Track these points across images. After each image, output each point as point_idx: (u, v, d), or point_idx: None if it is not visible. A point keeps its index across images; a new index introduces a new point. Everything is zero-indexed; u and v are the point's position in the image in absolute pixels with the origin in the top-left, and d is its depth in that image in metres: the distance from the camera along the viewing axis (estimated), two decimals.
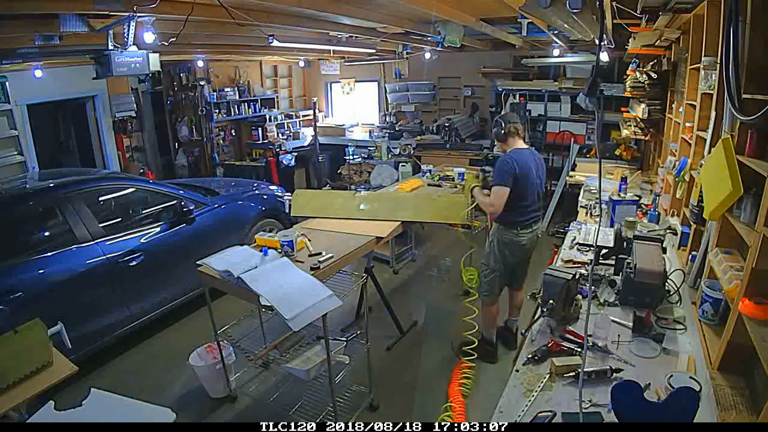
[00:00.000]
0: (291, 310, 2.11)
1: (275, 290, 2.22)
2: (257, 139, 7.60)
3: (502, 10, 3.34)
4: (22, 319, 1.90)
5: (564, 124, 6.27)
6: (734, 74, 1.64)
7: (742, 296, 1.49)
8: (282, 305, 2.12)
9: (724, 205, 1.75)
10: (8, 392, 1.75)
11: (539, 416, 1.56)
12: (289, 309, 2.11)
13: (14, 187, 3.35)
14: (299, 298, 2.19)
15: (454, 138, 6.54)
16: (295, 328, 2.12)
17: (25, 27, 3.00)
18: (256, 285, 2.24)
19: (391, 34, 4.86)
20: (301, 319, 2.11)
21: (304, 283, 2.32)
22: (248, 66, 7.65)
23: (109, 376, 3.22)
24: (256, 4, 2.99)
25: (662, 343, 1.92)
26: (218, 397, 2.98)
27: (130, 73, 3.35)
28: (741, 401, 1.51)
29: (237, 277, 2.31)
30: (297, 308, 2.12)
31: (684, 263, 2.53)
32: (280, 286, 2.27)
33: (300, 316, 2.11)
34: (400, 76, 7.65)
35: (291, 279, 2.35)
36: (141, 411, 1.81)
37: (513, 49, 6.08)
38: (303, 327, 2.14)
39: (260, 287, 2.23)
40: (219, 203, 4.11)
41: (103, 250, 3.17)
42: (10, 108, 5.13)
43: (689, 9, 2.75)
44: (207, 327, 2.79)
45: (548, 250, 4.79)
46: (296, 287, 2.27)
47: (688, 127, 3.02)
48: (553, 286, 2.06)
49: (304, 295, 2.21)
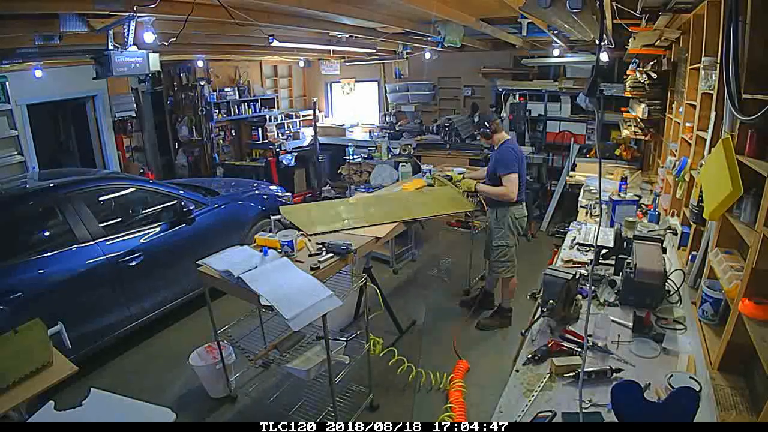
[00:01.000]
0: (291, 310, 2.11)
1: (275, 290, 2.22)
2: (257, 139, 7.59)
3: (502, 10, 3.35)
4: (22, 319, 1.90)
5: (564, 124, 6.26)
6: (734, 74, 1.64)
7: (742, 296, 1.49)
8: (282, 305, 2.12)
9: (724, 205, 1.75)
10: (8, 392, 1.75)
11: (539, 416, 1.56)
12: (289, 309, 2.11)
13: (14, 187, 3.35)
14: (299, 298, 2.19)
15: (454, 138, 6.54)
16: (295, 328, 2.13)
17: (25, 27, 3.00)
18: (256, 285, 2.24)
19: (391, 34, 4.86)
20: (301, 319, 2.11)
21: (304, 283, 2.32)
22: (248, 66, 7.65)
23: (109, 376, 3.22)
24: (256, 4, 2.99)
25: (662, 343, 1.92)
26: (218, 397, 2.98)
27: (130, 73, 3.34)
28: (741, 401, 1.51)
29: (237, 277, 2.31)
30: (297, 308, 2.12)
31: (684, 263, 2.53)
32: (280, 286, 2.27)
33: (300, 316, 2.11)
34: (400, 76, 7.65)
35: (291, 279, 2.34)
36: (141, 411, 1.81)
37: (513, 49, 6.07)
38: (302, 327, 2.14)
39: (260, 287, 2.23)
40: (219, 203, 4.11)
41: (103, 250, 3.17)
42: (10, 108, 5.12)
43: (689, 9, 2.76)
44: (207, 327, 2.80)
45: (548, 250, 4.80)
46: (296, 287, 2.27)
47: (688, 127, 3.02)
48: (553, 286, 2.06)
49: (304, 295, 2.21)
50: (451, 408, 2.74)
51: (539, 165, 6.40)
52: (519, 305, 3.69)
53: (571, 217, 3.90)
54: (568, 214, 5.09)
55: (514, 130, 6.14)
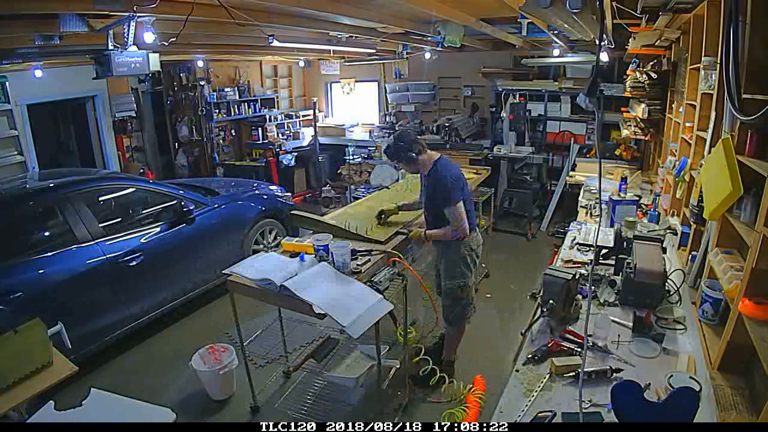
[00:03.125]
0: (347, 317, 2.04)
1: (324, 297, 2.12)
2: (257, 139, 7.59)
3: (502, 10, 3.34)
4: (22, 319, 1.90)
5: (564, 124, 6.26)
6: (734, 74, 1.64)
7: (742, 296, 1.49)
8: (336, 313, 2.04)
9: (724, 205, 1.75)
10: (8, 392, 1.75)
11: (539, 416, 1.56)
12: (345, 316, 2.04)
13: (14, 187, 3.35)
14: (351, 303, 2.11)
15: (454, 138, 6.54)
16: (354, 335, 2.05)
17: (25, 27, 3.00)
18: (303, 293, 2.13)
19: (391, 34, 4.86)
20: (358, 326, 2.04)
21: (352, 289, 2.22)
22: (248, 66, 7.65)
23: (109, 376, 3.22)
24: (256, 4, 2.99)
25: (662, 343, 1.92)
26: (219, 400, 2.96)
27: (130, 73, 3.34)
28: (741, 401, 1.51)
29: (280, 285, 2.19)
30: (353, 315, 2.05)
31: (684, 263, 2.53)
32: (328, 292, 2.17)
33: (356, 322, 2.04)
34: (400, 76, 7.64)
35: (337, 284, 2.24)
36: (141, 411, 1.81)
37: (513, 49, 6.07)
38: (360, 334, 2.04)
39: (308, 295, 2.12)
40: (219, 203, 4.11)
41: (103, 250, 3.17)
42: (10, 108, 5.12)
43: (689, 9, 2.75)
44: (208, 327, 2.79)
45: (548, 250, 4.80)
46: (345, 293, 2.18)
47: (688, 127, 3.02)
48: (553, 286, 2.06)
49: (355, 301, 2.13)
50: (466, 409, 2.65)
51: (539, 165, 6.40)
52: (519, 305, 3.68)
53: (571, 217, 3.90)
54: (568, 214, 5.08)
55: (514, 130, 6.15)
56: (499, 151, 6.06)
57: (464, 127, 6.70)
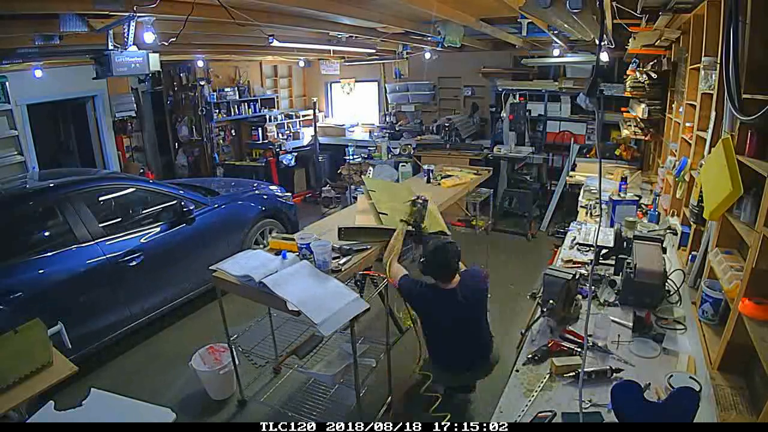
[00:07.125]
0: (320, 314, 2.06)
1: (300, 295, 2.15)
2: (257, 139, 7.59)
3: (502, 10, 3.34)
4: (22, 319, 1.91)
5: (564, 124, 6.25)
6: (734, 74, 1.64)
7: (742, 296, 1.49)
8: (310, 310, 2.07)
9: (724, 205, 1.75)
10: (8, 392, 1.75)
11: (539, 416, 1.56)
12: (318, 314, 2.06)
13: (14, 187, 3.35)
14: (326, 302, 2.14)
15: (454, 138, 6.54)
16: (325, 333, 2.08)
17: (25, 27, 3.00)
18: (280, 290, 2.16)
19: (391, 34, 4.86)
20: (330, 324, 2.06)
21: (329, 287, 2.25)
22: (248, 66, 7.64)
23: (109, 376, 3.22)
24: (256, 4, 2.99)
25: (662, 343, 1.92)
26: (219, 399, 2.96)
27: (130, 73, 3.34)
28: (741, 401, 1.51)
29: (259, 281, 2.23)
30: (325, 313, 2.07)
31: (684, 263, 2.53)
32: (305, 290, 2.20)
33: (329, 320, 2.06)
34: (400, 76, 7.64)
35: (314, 283, 2.27)
36: (141, 411, 1.81)
37: (513, 49, 6.07)
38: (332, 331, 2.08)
39: (285, 292, 2.15)
40: (219, 203, 4.11)
41: (103, 250, 3.17)
42: (10, 108, 5.12)
43: (689, 9, 2.75)
44: (207, 327, 2.80)
45: (548, 250, 4.79)
46: (321, 291, 2.21)
47: (688, 127, 3.02)
48: (553, 286, 2.06)
49: (330, 299, 2.16)
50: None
51: (539, 165, 6.40)
52: (519, 305, 3.67)
53: (571, 217, 3.90)
54: (568, 214, 5.08)
55: (514, 130, 6.15)
56: (499, 151, 6.06)
57: (464, 127, 6.70)
